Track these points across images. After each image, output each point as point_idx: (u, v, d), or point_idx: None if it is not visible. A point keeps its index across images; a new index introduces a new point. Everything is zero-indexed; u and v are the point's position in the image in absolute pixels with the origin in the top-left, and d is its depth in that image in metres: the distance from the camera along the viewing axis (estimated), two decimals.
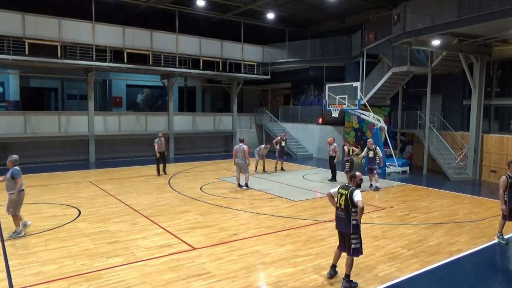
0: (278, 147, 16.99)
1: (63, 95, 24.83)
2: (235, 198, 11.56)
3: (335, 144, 14.64)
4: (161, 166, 15.39)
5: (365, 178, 7.04)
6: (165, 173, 15.45)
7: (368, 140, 13.56)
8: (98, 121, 19.44)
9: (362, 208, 5.62)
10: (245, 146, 12.61)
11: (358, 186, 5.94)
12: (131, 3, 19.65)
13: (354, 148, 14.18)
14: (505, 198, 7.76)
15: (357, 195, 5.67)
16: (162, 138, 15.38)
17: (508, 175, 7.75)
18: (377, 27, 20.09)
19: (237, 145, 12.84)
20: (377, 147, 13.26)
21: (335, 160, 14.60)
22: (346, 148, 13.82)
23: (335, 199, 6.07)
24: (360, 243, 5.82)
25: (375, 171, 13.07)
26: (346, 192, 5.80)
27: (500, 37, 13.96)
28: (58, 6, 19.19)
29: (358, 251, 5.79)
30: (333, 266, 6.10)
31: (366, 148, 13.31)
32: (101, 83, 25.31)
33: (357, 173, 6.05)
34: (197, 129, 22.72)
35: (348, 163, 13.59)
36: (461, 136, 16.69)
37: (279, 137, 17.45)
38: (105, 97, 25.82)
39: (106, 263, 6.51)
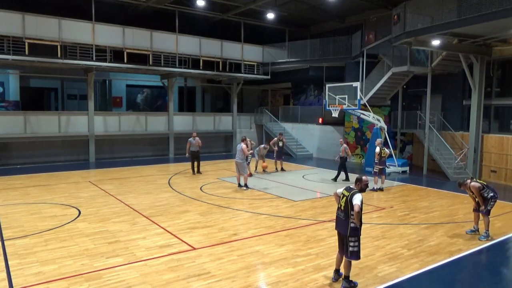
0: (276, 148, 17.02)
1: (63, 95, 24.82)
2: (235, 198, 11.56)
3: (345, 145, 14.55)
4: (195, 164, 15.70)
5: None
6: (200, 172, 15.70)
7: (378, 140, 13.47)
8: (98, 121, 19.44)
9: (358, 213, 5.53)
10: (244, 145, 12.64)
11: (361, 190, 5.85)
12: (131, 3, 19.65)
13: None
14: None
15: (356, 199, 5.62)
16: (197, 138, 15.71)
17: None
18: (377, 27, 20.10)
19: (238, 144, 13.00)
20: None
21: (347, 160, 14.60)
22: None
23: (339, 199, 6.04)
24: (358, 247, 5.74)
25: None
26: (348, 194, 5.76)
27: (500, 37, 13.96)
28: (58, 6, 19.17)
29: (355, 255, 5.72)
30: (336, 271, 6.05)
31: (380, 148, 12.99)
32: (101, 83, 25.30)
33: (364, 178, 5.95)
34: (197, 129, 22.69)
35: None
36: (461, 136, 16.69)
37: (276, 138, 17.50)
38: (105, 97, 25.81)
39: (106, 263, 6.50)
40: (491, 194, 8.12)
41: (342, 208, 5.82)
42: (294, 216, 9.68)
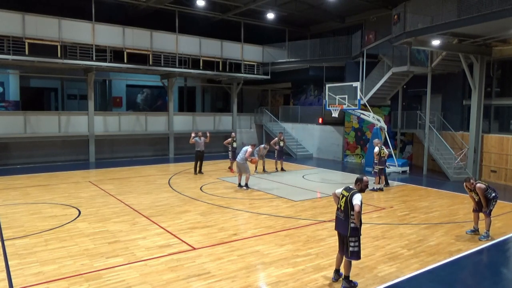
0: (277, 147, 17.03)
1: (63, 95, 24.81)
2: (235, 198, 11.56)
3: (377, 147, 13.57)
4: (198, 164, 15.91)
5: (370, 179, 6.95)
6: (201, 172, 15.90)
7: (376, 140, 13.48)
8: (98, 121, 19.44)
9: (358, 213, 5.54)
10: (250, 150, 12.67)
11: (361, 190, 5.85)
12: (131, 3, 19.64)
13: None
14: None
15: (356, 199, 5.62)
16: (203, 137, 15.96)
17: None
18: (377, 27, 20.09)
19: (245, 146, 13.08)
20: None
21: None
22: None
23: (338, 200, 6.03)
24: (359, 247, 5.73)
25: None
26: (348, 194, 5.75)
27: (500, 37, 13.96)
28: (58, 6, 19.20)
29: (355, 255, 5.72)
30: (337, 271, 6.06)
31: (381, 148, 12.99)
32: (101, 83, 25.29)
33: (364, 178, 5.95)
34: (197, 129, 22.67)
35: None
36: (461, 136, 16.69)
37: (276, 138, 17.52)
38: (105, 97, 25.81)
39: (106, 263, 6.51)
40: (493, 195, 8.13)
41: (342, 208, 5.82)
42: (294, 216, 9.68)
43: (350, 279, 5.83)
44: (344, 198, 5.79)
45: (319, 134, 22.47)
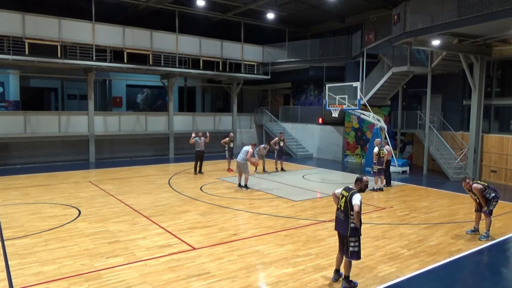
0: (277, 147, 17.04)
1: (63, 95, 24.83)
2: (235, 198, 11.56)
3: (387, 147, 13.54)
4: (198, 164, 15.94)
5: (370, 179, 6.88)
6: (201, 172, 15.91)
7: (377, 140, 13.47)
8: (98, 121, 19.44)
9: (358, 213, 5.54)
10: (251, 150, 12.65)
11: (361, 190, 5.85)
12: (131, 3, 19.65)
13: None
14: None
15: (356, 199, 5.62)
16: (202, 138, 15.98)
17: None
18: (377, 27, 20.09)
19: (245, 146, 13.04)
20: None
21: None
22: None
23: (338, 200, 6.03)
24: (359, 247, 5.73)
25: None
26: (347, 194, 5.75)
27: (500, 37, 13.96)
28: (58, 6, 19.21)
29: (355, 255, 5.71)
30: (337, 271, 6.06)
31: (379, 148, 12.98)
32: (101, 83, 25.31)
33: (364, 178, 5.94)
34: (197, 129, 22.67)
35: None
36: (461, 136, 16.69)
37: (276, 138, 17.52)
38: (105, 97, 25.82)
39: (106, 263, 6.51)
40: (493, 195, 8.11)
41: (342, 208, 5.82)
42: (294, 216, 9.68)
43: (350, 279, 5.83)
44: (344, 198, 5.79)
45: (319, 134, 22.47)
